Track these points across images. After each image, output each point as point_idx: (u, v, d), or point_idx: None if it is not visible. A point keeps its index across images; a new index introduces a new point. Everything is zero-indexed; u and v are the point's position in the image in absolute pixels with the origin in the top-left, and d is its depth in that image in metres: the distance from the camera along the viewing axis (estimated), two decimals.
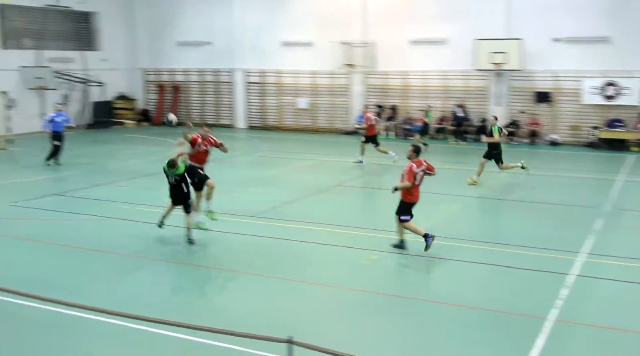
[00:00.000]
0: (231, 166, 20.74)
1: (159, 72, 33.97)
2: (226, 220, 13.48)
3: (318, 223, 13.33)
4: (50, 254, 11.27)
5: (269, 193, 16.50)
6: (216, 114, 32.77)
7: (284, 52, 30.51)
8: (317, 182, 17.91)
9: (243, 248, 11.73)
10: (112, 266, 10.63)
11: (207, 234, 12.37)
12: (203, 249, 11.56)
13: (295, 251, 11.62)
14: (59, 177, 18.54)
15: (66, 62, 30.93)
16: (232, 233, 12.58)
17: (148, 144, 26.19)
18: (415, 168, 11.04)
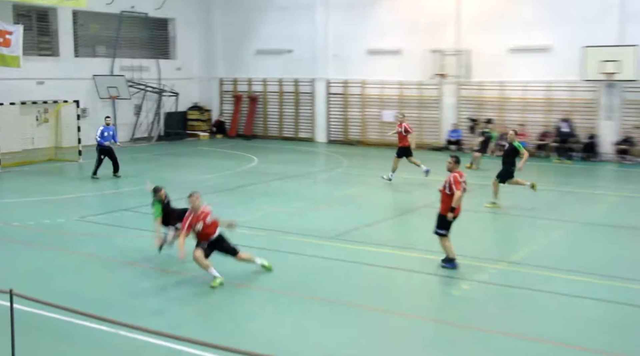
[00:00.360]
0: (310, 183, 20.86)
1: (235, 81, 34.77)
2: (301, 242, 13.51)
3: (403, 247, 13.16)
4: (114, 274, 11.60)
5: (349, 213, 16.45)
6: (295, 127, 33.15)
7: (370, 61, 30.58)
8: (403, 202, 17.73)
9: (317, 272, 11.70)
10: (183, 289, 10.82)
11: (278, 255, 12.44)
12: (273, 273, 11.61)
13: (375, 277, 11.48)
14: (128, 192, 19.19)
15: (140, 70, 32.17)
16: (306, 256, 12.58)
17: (222, 158, 26.77)
18: (459, 178, 11.53)
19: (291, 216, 16.04)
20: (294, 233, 14.15)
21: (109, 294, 10.41)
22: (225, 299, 10.33)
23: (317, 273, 11.61)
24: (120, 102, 31.16)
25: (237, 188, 19.56)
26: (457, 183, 11.40)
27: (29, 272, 11.54)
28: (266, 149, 29.69)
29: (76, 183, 20.73)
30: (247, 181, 20.89)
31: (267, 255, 12.60)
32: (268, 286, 10.78)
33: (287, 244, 13.31)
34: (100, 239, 13.83)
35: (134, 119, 32.33)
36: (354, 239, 13.72)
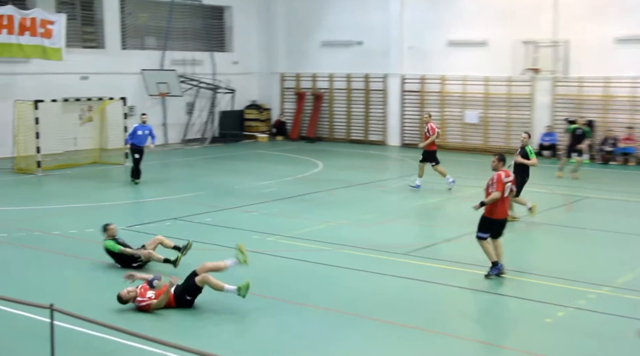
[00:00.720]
0: (381, 192, 20.86)
1: (298, 77, 35.09)
2: (370, 257, 13.53)
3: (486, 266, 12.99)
4: None
5: (424, 226, 16.37)
6: (364, 129, 33.20)
7: (451, 54, 30.40)
8: None
9: (389, 292, 11.67)
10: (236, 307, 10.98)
11: (344, 272, 12.49)
12: (340, 292, 11.64)
13: (456, 300, 11.39)
14: (179, 199, 19.58)
15: (193, 64, 32.84)
16: (376, 273, 12.58)
17: (282, 163, 27.04)
18: (503, 177, 12.18)
19: (359, 228, 16.07)
20: (362, 248, 14.17)
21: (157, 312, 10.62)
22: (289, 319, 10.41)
23: (388, 294, 11.59)
24: (170, 100, 31.87)
25: (298, 197, 19.72)
26: (499, 182, 12.07)
27: (70, 286, 11.91)
28: (332, 153, 29.82)
29: (122, 188, 21.28)
30: (309, 188, 21.03)
31: (331, 272, 12.68)
32: (332, 306, 10.82)
33: (354, 261, 13.33)
34: None
35: (185, 119, 33.02)
36: (431, 257, 13.64)
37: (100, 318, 8.35)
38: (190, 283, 10.76)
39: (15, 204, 18.82)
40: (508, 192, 12.20)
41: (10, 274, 12.66)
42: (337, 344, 9.59)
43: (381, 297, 11.44)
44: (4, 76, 26.77)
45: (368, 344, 9.65)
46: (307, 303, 11.08)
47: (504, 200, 12.13)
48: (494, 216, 12.12)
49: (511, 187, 12.32)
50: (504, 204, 12.18)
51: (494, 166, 12.42)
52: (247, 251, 11.28)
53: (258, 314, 10.62)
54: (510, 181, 12.23)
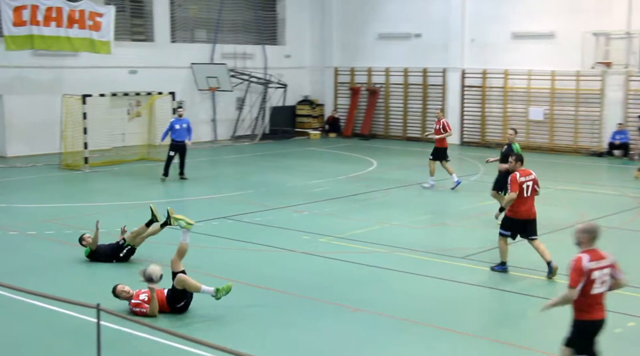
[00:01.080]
0: (438, 193, 20.74)
1: (352, 71, 35.09)
2: (426, 261, 13.47)
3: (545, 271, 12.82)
4: None
5: (485, 229, 16.21)
6: (421, 125, 33.04)
7: (515, 47, 30.06)
8: (552, 218, 17.27)
9: (443, 296, 11.61)
10: (285, 311, 11.03)
11: (399, 276, 12.46)
12: (396, 297, 11.62)
13: (518, 307, 11.28)
14: (228, 197, 19.77)
15: (244, 58, 33.10)
16: (430, 277, 12.52)
17: (335, 161, 27.08)
18: (519, 177, 12.21)
19: (414, 230, 16.01)
20: (417, 251, 14.12)
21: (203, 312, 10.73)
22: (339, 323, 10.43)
23: (444, 299, 11.52)
24: (220, 95, 32.19)
25: (351, 196, 19.73)
26: (513, 182, 12.24)
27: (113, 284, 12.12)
28: (387, 151, 29.76)
29: (170, 186, 21.56)
30: (363, 188, 21.02)
31: (385, 275, 12.66)
32: (389, 312, 10.80)
33: (409, 264, 13.29)
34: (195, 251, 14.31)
35: (235, 114, 33.31)
36: (492, 261, 13.50)
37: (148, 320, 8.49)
38: (173, 288, 10.67)
39: (61, 201, 19.24)
40: (530, 191, 12.40)
41: (57, 272, 12.95)
42: (388, 350, 9.57)
43: (436, 302, 11.38)
44: (53, 69, 27.37)
45: (421, 351, 9.61)
46: (359, 307, 11.07)
47: (524, 200, 12.34)
48: (516, 216, 12.44)
49: (533, 186, 12.46)
50: (525, 204, 12.39)
51: (511, 167, 12.70)
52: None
53: (308, 318, 10.66)
54: (530, 180, 12.41)
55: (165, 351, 9.27)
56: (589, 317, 7.67)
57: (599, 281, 7.57)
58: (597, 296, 7.59)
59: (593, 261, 7.55)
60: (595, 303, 7.62)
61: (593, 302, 7.60)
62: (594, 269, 7.52)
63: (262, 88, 33.50)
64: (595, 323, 7.69)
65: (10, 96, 26.56)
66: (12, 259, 13.64)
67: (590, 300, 7.59)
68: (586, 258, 7.58)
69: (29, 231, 15.59)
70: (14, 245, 14.74)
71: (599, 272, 7.54)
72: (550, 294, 11.67)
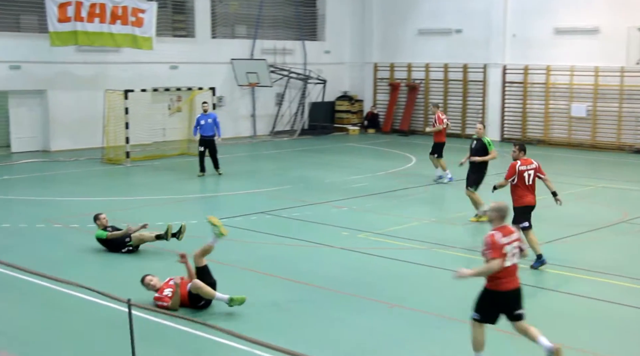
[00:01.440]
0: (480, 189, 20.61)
1: (392, 67, 35.00)
2: (466, 257, 13.42)
3: (594, 271, 12.70)
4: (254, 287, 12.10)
5: None
6: (461, 122, 32.85)
7: (558, 43, 29.73)
8: (594, 216, 17.13)
9: None
10: (323, 306, 11.08)
11: (439, 273, 12.42)
12: (429, 291, 11.60)
13: (566, 307, 11.18)
14: (267, 192, 19.88)
15: (283, 54, 33.21)
16: None
17: (374, 157, 27.07)
18: (520, 166, 12.64)
19: (453, 227, 15.96)
20: (456, 248, 14.08)
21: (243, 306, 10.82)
22: (377, 319, 10.45)
23: None
24: (260, 90, 32.34)
25: (390, 192, 19.71)
26: (510, 169, 12.73)
27: None
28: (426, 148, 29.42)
29: (210, 181, 21.75)
30: (402, 184, 20.99)
31: (424, 272, 12.64)
32: (427, 309, 10.80)
33: (449, 261, 13.25)
34: (234, 245, 14.44)
35: (275, 110, 33.44)
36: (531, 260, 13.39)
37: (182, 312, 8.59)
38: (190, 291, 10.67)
39: (103, 194, 19.51)
40: (532, 180, 12.79)
41: (97, 264, 13.17)
42: (426, 347, 9.57)
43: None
44: (96, 65, 27.74)
45: (459, 348, 9.58)
46: (397, 303, 11.08)
47: (527, 188, 12.72)
48: (525, 203, 12.74)
49: (535, 175, 12.86)
50: (528, 191, 12.77)
51: (514, 156, 13.00)
52: (225, 226, 11.22)
53: (345, 313, 10.69)
54: (531, 169, 12.81)
55: (201, 343, 9.39)
56: (502, 288, 8.46)
57: (510, 254, 8.42)
58: (509, 268, 8.41)
59: (505, 237, 8.42)
60: (508, 274, 8.42)
61: (506, 274, 8.39)
62: (506, 244, 8.38)
63: (301, 84, 33.58)
64: (507, 294, 8.48)
65: (55, 91, 26.98)
66: (55, 251, 13.88)
67: (504, 272, 8.37)
68: (499, 234, 8.45)
69: (72, 224, 15.85)
70: (57, 237, 15.00)
71: (510, 246, 8.42)
72: (589, 291, 11.57)
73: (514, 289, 8.50)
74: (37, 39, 26.09)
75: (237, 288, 11.13)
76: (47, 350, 9.38)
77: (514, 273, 8.49)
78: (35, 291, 11.43)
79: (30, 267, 10.61)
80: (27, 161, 24.79)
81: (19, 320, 10.34)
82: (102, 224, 13.67)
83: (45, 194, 19.31)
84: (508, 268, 8.39)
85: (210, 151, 22.02)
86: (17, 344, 9.36)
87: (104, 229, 13.70)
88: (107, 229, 13.72)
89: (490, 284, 8.51)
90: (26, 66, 26.18)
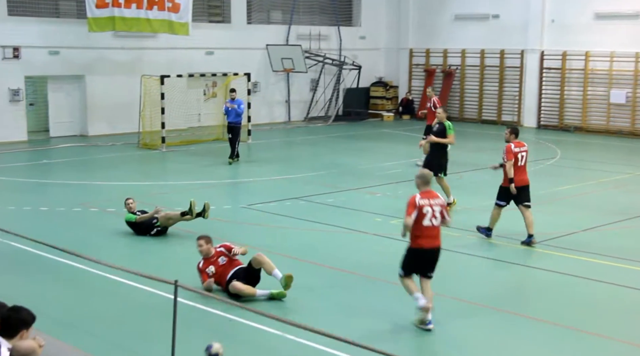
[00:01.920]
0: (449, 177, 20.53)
1: (428, 53, 34.79)
2: (500, 246, 13.35)
3: (631, 259, 12.58)
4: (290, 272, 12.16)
5: (562, 214, 15.98)
6: (497, 108, 32.59)
7: (597, 28, 29.31)
8: (633, 204, 16.93)
9: (522, 284, 11.52)
10: (358, 291, 11.12)
11: (474, 261, 12.38)
12: (471, 282, 11.57)
13: (597, 295, 11.10)
14: (301, 178, 19.93)
15: (319, 39, 33.16)
16: (507, 263, 12.42)
17: (408, 143, 26.95)
18: (514, 148, 13.18)
19: (487, 214, 15.83)
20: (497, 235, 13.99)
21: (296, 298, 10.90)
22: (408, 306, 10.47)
23: (522, 285, 11.44)
24: (294, 76, 32.37)
25: None
26: (508, 152, 13.18)
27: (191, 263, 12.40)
28: (461, 134, 29.31)
29: (244, 166, 21.85)
30: None
31: (458, 259, 12.61)
32: (459, 296, 10.78)
33: (485, 249, 13.20)
34: (268, 231, 14.52)
35: (309, 96, 33.45)
36: (568, 247, 13.32)
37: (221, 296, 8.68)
38: (249, 269, 10.75)
39: (139, 179, 19.73)
40: (524, 161, 13.40)
41: (134, 249, 13.33)
42: (455, 334, 9.56)
43: (507, 287, 11.30)
44: (132, 51, 27.96)
45: (489, 336, 9.57)
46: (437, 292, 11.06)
47: (518, 169, 13.28)
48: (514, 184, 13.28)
49: (525, 158, 13.47)
50: (520, 173, 13.32)
51: (506, 138, 13.51)
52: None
53: (377, 300, 10.72)
54: (524, 150, 13.42)
55: (237, 327, 9.48)
56: (419, 245, 9.60)
57: (429, 215, 9.52)
58: (427, 228, 9.54)
59: (424, 199, 9.61)
60: (427, 235, 9.55)
61: (425, 234, 9.54)
62: (424, 205, 9.53)
63: (336, 70, 33.53)
64: (425, 251, 9.63)
65: (92, 77, 27.26)
66: (93, 235, 14.07)
67: (422, 231, 9.52)
68: (419, 196, 9.66)
69: (109, 208, 16.05)
70: (94, 222, 15.21)
71: (429, 208, 9.52)
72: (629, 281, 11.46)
73: (431, 248, 9.64)
74: (76, 24, 26.36)
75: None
76: (83, 331, 9.52)
77: (432, 234, 9.60)
78: (72, 273, 11.62)
79: (67, 250, 10.79)
80: (65, 146, 25.12)
81: (56, 301, 10.50)
82: (130, 209, 13.96)
83: (82, 179, 19.56)
84: (427, 228, 9.54)
85: (233, 137, 21.97)
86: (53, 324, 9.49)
87: (133, 213, 13.97)
88: (136, 214, 13.99)
89: (411, 244, 9.68)
90: (65, 52, 26.48)
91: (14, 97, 25.52)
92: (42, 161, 22.49)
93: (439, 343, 9.35)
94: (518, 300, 10.77)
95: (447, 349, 9.21)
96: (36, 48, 25.81)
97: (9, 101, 25.48)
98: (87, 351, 8.54)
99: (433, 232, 9.61)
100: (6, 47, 25.25)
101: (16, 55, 25.48)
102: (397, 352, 6.85)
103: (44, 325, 7.77)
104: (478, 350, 9.17)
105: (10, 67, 25.40)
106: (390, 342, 9.12)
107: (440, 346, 9.29)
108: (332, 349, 8.62)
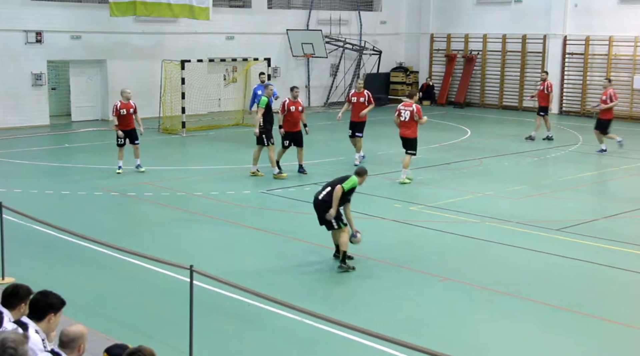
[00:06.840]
0: (535, 163, 20.40)
1: (449, 38, 34.59)
2: (519, 232, 13.32)
3: None
4: (303, 257, 12.21)
5: (583, 201, 15.90)
6: (519, 94, 32.39)
7: (622, 12, 29.03)
8: None
9: (539, 270, 11.48)
10: (377, 276, 11.13)
11: (492, 247, 12.37)
12: (481, 265, 11.56)
13: (615, 282, 11.06)
14: (319, 163, 19.94)
15: (339, 24, 33.05)
16: (525, 249, 12.38)
17: (428, 129, 26.67)
18: (400, 106, 17.64)
19: (508, 201, 15.82)
20: (510, 222, 13.97)
21: (294, 277, 10.95)
22: (428, 291, 10.47)
23: (538, 272, 11.40)
24: (315, 61, 32.30)
25: (444, 165, 19.60)
26: (419, 111, 17.23)
27: (209, 247, 12.49)
28: (482, 120, 29.35)
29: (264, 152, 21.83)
30: (456, 157, 20.84)
31: (476, 245, 12.59)
32: (479, 283, 10.77)
33: (501, 234, 13.17)
34: (287, 216, 14.56)
35: (329, 81, 33.39)
36: (588, 234, 13.25)
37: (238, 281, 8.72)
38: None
39: (160, 164, 19.80)
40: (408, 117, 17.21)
41: (154, 233, 13.42)
42: (476, 320, 9.56)
43: (527, 274, 11.27)
44: (153, 35, 28.02)
45: (510, 323, 9.55)
46: (448, 276, 11.07)
47: (401, 123, 17.44)
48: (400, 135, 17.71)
49: (412, 115, 17.20)
50: (402, 127, 17.52)
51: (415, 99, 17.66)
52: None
53: (396, 285, 10.74)
54: (408, 110, 17.27)
55: (255, 313, 9.53)
56: None
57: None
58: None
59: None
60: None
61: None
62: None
63: (356, 55, 33.43)
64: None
65: (113, 61, 27.36)
66: (113, 219, 14.20)
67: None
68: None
69: (129, 193, 16.15)
70: (115, 206, 15.34)
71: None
72: None
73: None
74: (97, 9, 26.47)
75: (289, 259, 11.21)
76: (103, 315, 9.61)
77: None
78: (93, 258, 11.72)
79: (87, 234, 10.88)
80: (86, 130, 25.27)
81: (79, 285, 10.60)
82: (269, 94, 17.30)
83: (103, 163, 19.67)
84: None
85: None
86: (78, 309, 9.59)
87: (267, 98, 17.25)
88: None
89: None
90: (86, 36, 26.60)
91: (36, 81, 25.68)
92: (63, 145, 22.66)
93: (460, 331, 9.33)
94: (537, 286, 10.73)
95: (466, 336, 9.20)
96: (58, 33, 25.94)
97: (31, 86, 25.65)
98: (108, 334, 8.61)
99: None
100: (29, 31, 25.41)
101: (39, 40, 25.64)
102: (416, 342, 6.87)
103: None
104: (497, 337, 9.16)
105: (33, 51, 25.56)
106: (410, 331, 9.12)
107: (460, 335, 9.26)
108: (351, 335, 8.64)
